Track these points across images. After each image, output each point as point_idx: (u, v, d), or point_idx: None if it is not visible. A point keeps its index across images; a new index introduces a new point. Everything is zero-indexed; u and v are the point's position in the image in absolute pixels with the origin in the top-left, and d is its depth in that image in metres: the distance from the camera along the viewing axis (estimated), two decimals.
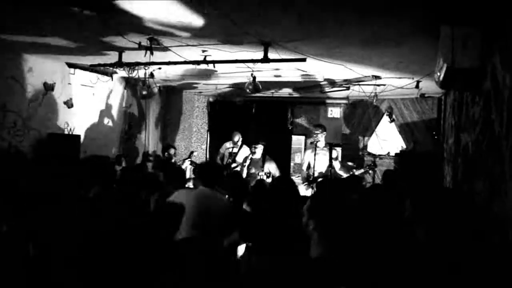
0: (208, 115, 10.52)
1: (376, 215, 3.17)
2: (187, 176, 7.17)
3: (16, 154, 6.33)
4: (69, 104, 7.31)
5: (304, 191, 6.94)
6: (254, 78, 6.03)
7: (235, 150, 7.95)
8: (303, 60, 5.24)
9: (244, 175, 7.05)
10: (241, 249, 4.07)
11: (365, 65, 6.03)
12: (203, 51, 5.47)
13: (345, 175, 7.11)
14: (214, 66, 5.66)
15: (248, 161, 7.29)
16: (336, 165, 7.24)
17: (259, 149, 7.32)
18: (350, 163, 7.56)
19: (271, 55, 5.19)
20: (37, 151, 6.68)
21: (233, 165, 7.56)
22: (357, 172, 7.41)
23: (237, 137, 8.13)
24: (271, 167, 7.15)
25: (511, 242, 2.32)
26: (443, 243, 2.74)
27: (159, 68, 5.99)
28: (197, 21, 4.21)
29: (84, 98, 7.65)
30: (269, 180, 6.72)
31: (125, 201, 3.90)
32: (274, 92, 9.10)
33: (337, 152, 7.37)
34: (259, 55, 5.24)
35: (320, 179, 6.64)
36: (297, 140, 10.47)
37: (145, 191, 4.58)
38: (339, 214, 2.58)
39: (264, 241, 3.35)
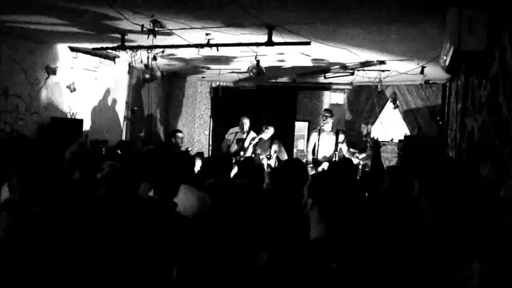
0: (211, 101, 10.45)
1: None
2: None
3: (18, 138, 6.31)
4: (71, 88, 7.28)
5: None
6: (258, 61, 5.97)
7: (243, 136, 7.72)
8: (308, 43, 5.19)
9: (248, 154, 7.06)
10: None
11: (370, 50, 5.97)
12: (207, 34, 5.42)
13: None
14: (217, 50, 5.60)
15: (255, 141, 7.26)
16: (344, 148, 7.23)
17: (269, 131, 7.27)
18: (352, 149, 7.53)
19: (275, 38, 5.14)
20: (40, 135, 6.67)
21: (242, 152, 7.42)
22: (360, 157, 7.39)
23: (246, 122, 7.80)
24: (278, 150, 7.12)
25: None
26: (446, 224, 2.73)
27: (162, 52, 5.94)
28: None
29: (86, 82, 7.61)
30: (270, 162, 6.75)
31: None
32: (278, 77, 9.04)
33: (344, 136, 7.34)
34: (263, 38, 5.19)
35: (328, 162, 6.61)
36: (301, 127, 10.43)
37: None
38: (338, 193, 2.55)
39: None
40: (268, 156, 6.91)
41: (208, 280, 3.15)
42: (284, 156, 7.13)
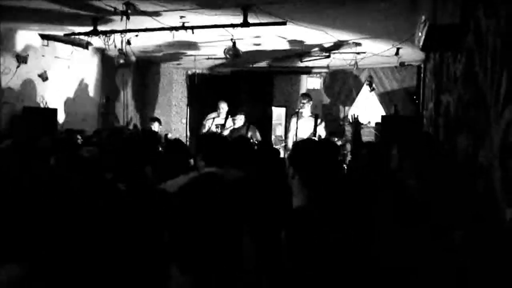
0: (187, 89, 10.34)
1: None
2: None
3: None
4: (43, 77, 7.09)
5: None
6: (234, 43, 5.92)
7: (221, 121, 7.69)
8: (283, 23, 5.16)
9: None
10: None
11: (345, 30, 5.98)
12: (181, 17, 5.34)
13: None
14: (192, 32, 5.53)
15: (228, 131, 7.25)
16: (322, 133, 7.24)
17: (239, 120, 7.33)
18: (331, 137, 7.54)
19: (251, 20, 5.10)
20: (12, 125, 6.49)
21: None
22: (339, 143, 7.43)
23: (223, 107, 7.81)
24: (255, 135, 7.14)
25: (494, 187, 2.33)
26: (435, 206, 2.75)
27: (136, 36, 5.82)
28: None
29: (59, 71, 7.43)
30: None
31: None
32: (254, 62, 8.99)
33: (323, 121, 7.37)
34: (239, 20, 5.15)
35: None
36: (278, 114, 10.41)
37: None
38: (318, 161, 2.56)
39: None
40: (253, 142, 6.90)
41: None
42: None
